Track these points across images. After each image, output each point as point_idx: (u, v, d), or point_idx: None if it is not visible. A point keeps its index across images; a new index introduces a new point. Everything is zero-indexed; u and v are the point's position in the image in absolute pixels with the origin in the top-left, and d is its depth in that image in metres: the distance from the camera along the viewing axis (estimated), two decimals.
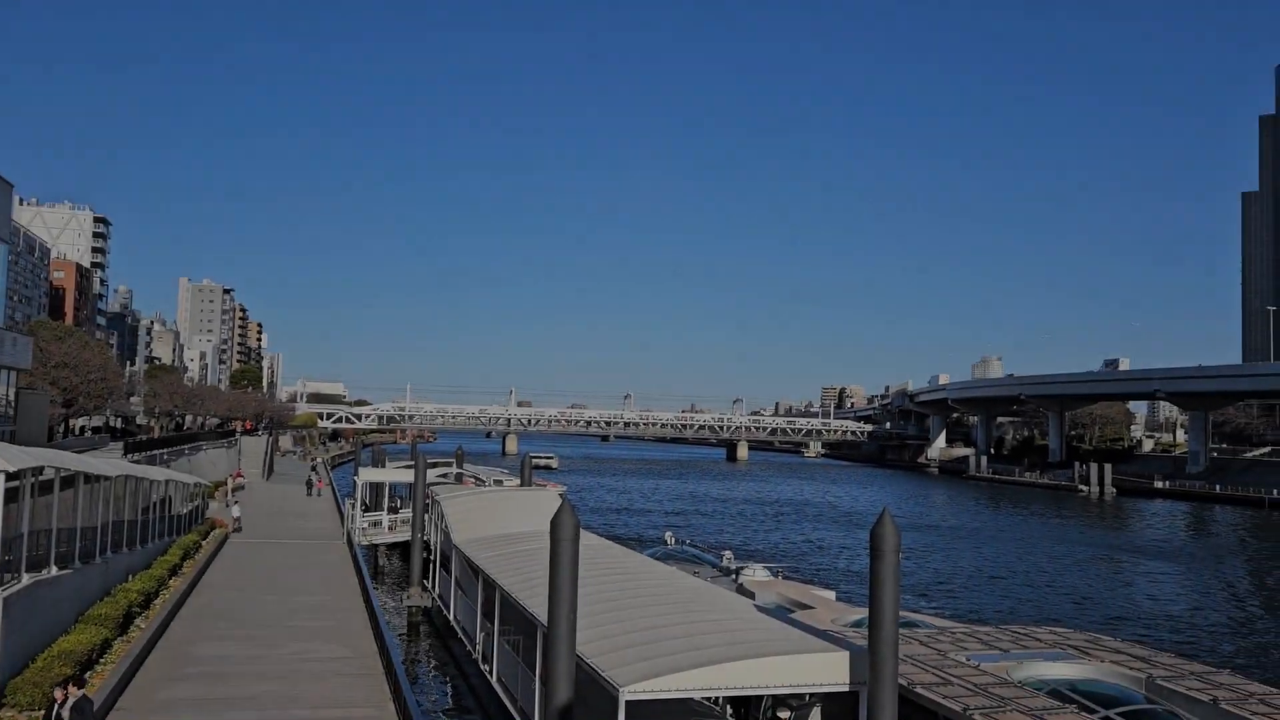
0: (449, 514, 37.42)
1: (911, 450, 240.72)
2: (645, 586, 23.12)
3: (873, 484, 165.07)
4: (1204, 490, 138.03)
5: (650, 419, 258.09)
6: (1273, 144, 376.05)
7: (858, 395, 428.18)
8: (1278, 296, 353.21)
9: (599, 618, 19.05)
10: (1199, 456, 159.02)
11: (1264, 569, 71.22)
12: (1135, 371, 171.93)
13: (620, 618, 19.42)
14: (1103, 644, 23.47)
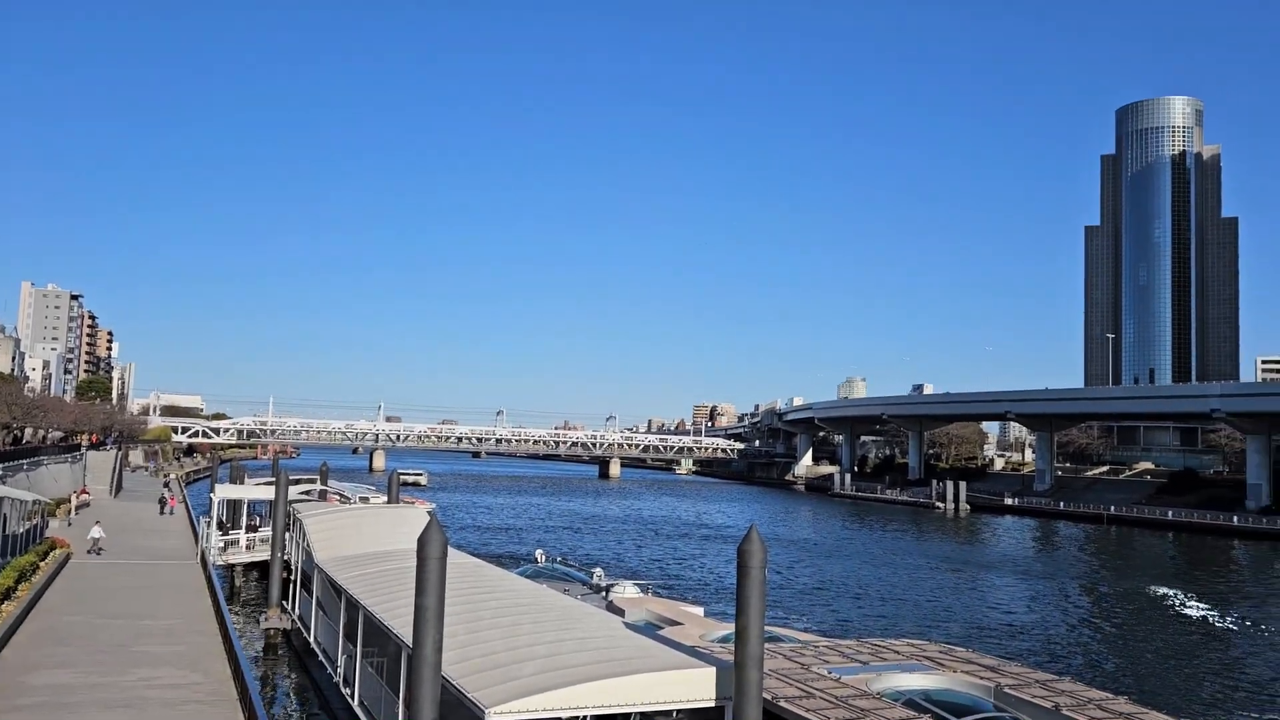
0: (311, 532, 36.17)
1: (779, 468, 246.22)
2: (515, 606, 22.87)
3: (741, 501, 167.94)
4: (1049, 507, 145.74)
5: (523, 436, 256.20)
6: (1112, 181, 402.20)
7: (729, 413, 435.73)
8: (1116, 324, 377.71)
9: (465, 638, 18.73)
10: (1045, 475, 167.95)
11: (1101, 581, 75.64)
12: (988, 393, 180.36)
13: (487, 637, 19.14)
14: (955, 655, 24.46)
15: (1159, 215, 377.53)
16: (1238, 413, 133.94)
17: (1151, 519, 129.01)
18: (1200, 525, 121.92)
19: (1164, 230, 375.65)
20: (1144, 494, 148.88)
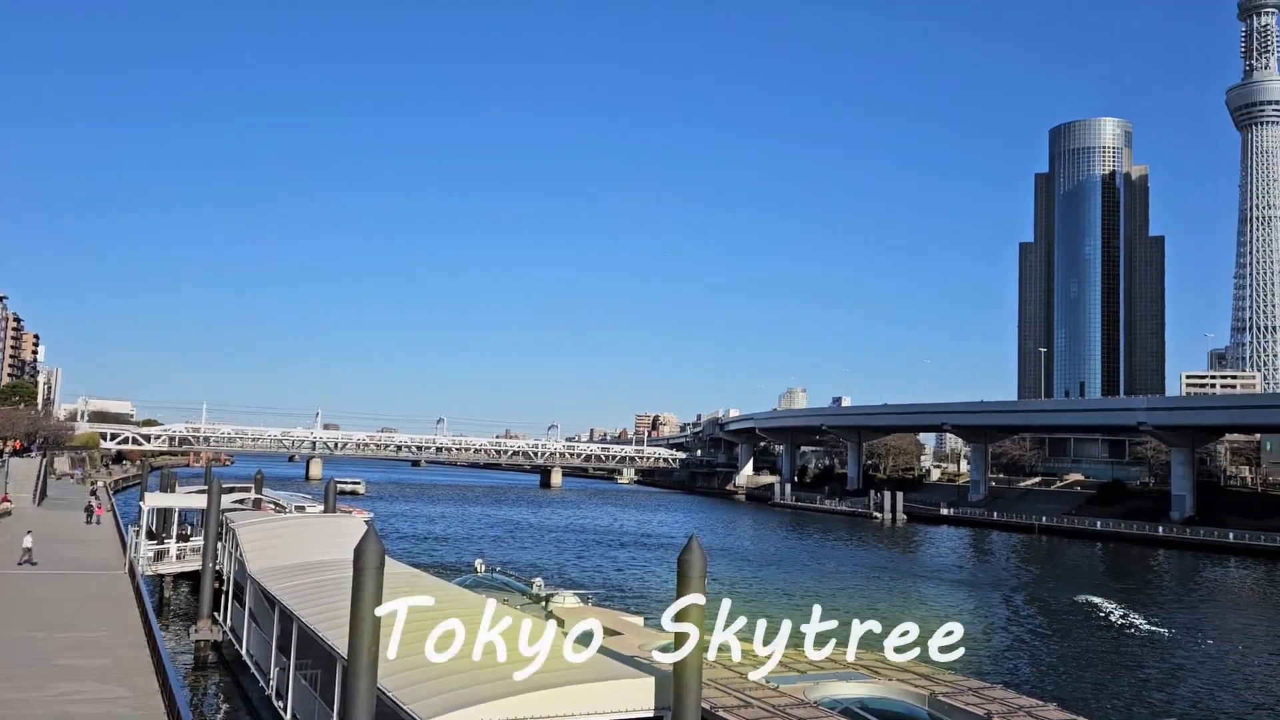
0: (244, 542, 35.43)
1: (721, 477, 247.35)
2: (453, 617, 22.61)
3: (682, 510, 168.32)
4: (983, 517, 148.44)
5: (464, 444, 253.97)
6: (1045, 199, 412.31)
7: (671, 423, 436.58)
8: (1048, 338, 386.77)
9: (402, 648, 18.48)
10: (979, 485, 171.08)
11: (1032, 590, 77.21)
12: (925, 405, 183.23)
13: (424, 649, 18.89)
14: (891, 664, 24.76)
15: (1089, 233, 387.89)
16: (1163, 426, 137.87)
17: (1081, 529, 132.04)
18: (1127, 535, 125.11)
19: (1094, 247, 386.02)
20: (1074, 504, 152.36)
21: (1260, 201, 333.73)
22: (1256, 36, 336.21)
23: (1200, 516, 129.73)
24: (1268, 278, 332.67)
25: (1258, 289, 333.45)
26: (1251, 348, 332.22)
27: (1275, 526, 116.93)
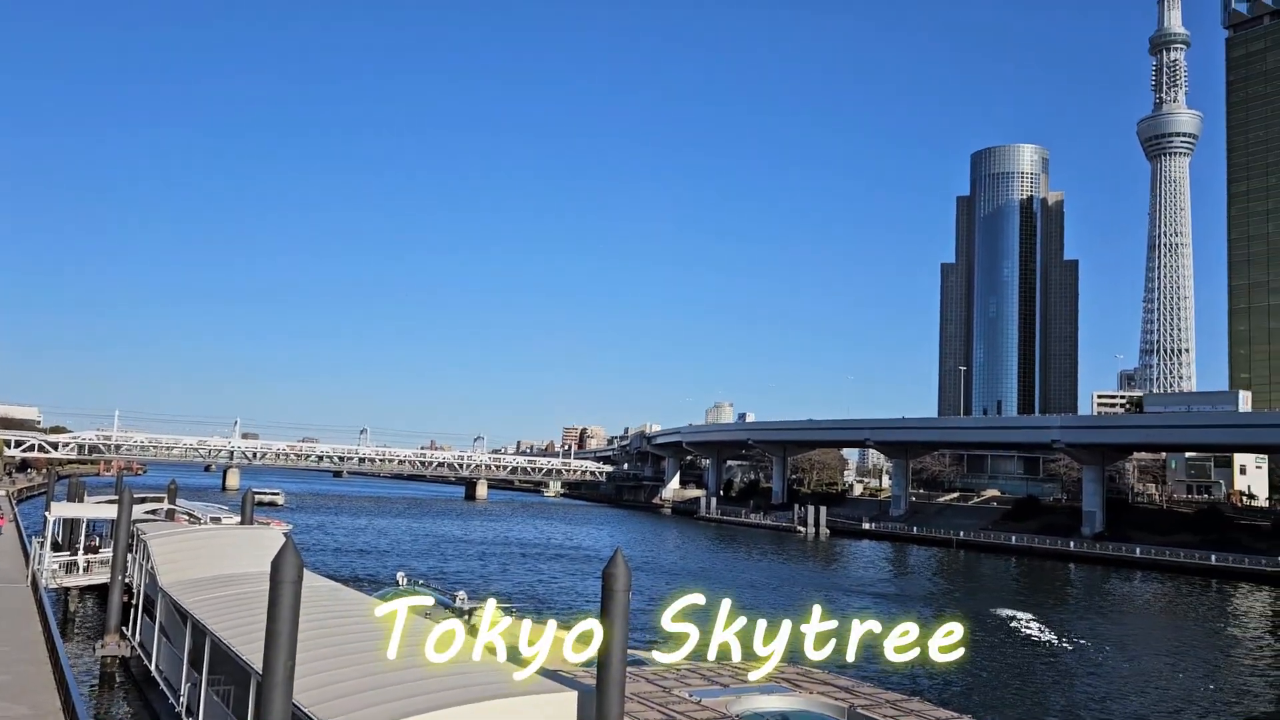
0: (156, 554, 34.33)
1: (647, 491, 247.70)
2: (372, 630, 22.23)
3: (608, 524, 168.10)
4: (904, 532, 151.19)
5: (387, 455, 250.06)
6: (967, 222, 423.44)
7: (598, 436, 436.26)
8: (968, 357, 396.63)
9: (319, 664, 18.10)
10: (900, 501, 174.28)
11: (949, 604, 78.84)
12: (849, 421, 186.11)
13: (342, 663, 18.55)
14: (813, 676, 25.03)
15: (1008, 255, 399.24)
16: (1075, 444, 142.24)
17: (997, 544, 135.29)
18: (1040, 550, 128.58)
19: (1012, 270, 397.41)
20: (990, 520, 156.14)
21: (1168, 229, 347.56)
22: (1166, 71, 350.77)
23: (1109, 532, 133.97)
24: (1174, 303, 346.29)
25: (1165, 313, 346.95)
26: (1159, 369, 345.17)
27: (1178, 542, 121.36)
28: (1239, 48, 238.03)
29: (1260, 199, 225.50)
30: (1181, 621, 77.15)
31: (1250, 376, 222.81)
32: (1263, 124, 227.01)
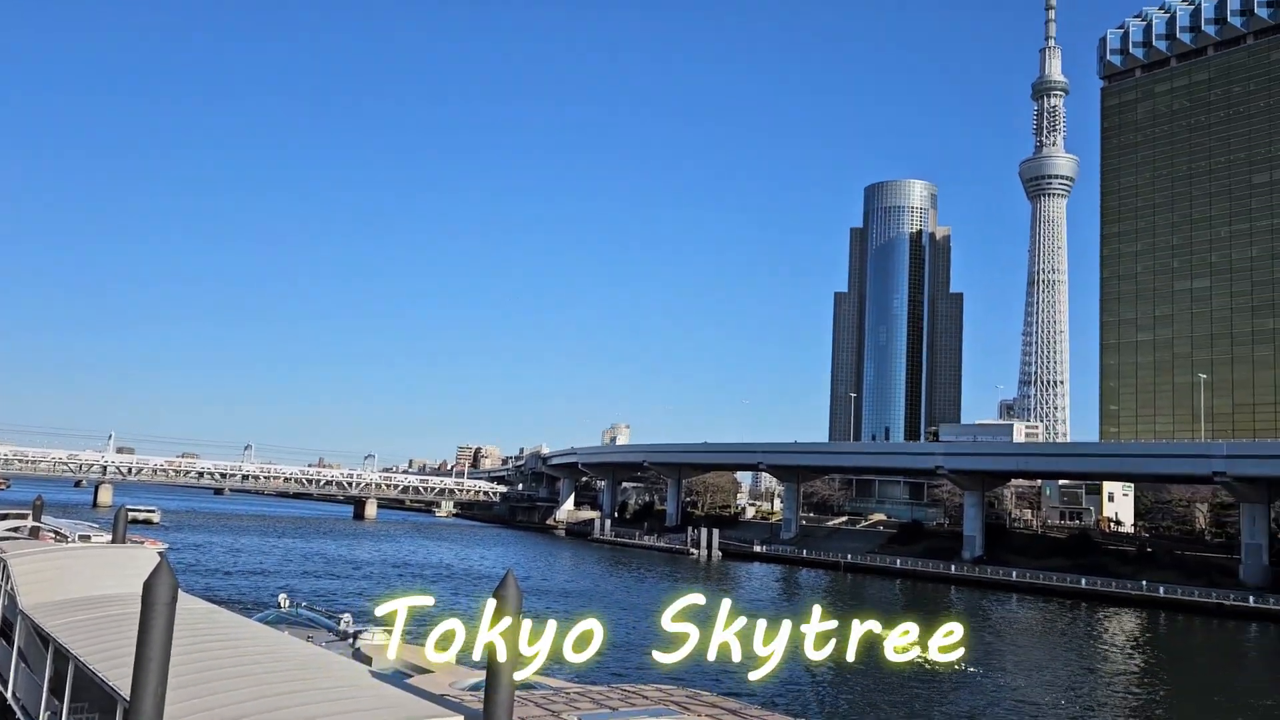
0: (16, 574, 32.40)
1: (542, 512, 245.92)
2: (249, 655, 21.42)
3: (502, 545, 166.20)
4: (794, 555, 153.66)
5: (273, 472, 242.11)
6: (860, 252, 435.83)
7: (493, 455, 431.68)
8: (858, 384, 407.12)
9: (192, 690, 17.34)
10: (791, 524, 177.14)
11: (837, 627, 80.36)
12: (743, 445, 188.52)
13: (217, 689, 17.81)
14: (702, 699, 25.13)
15: (898, 286, 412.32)
16: (957, 470, 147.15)
17: (882, 567, 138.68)
18: (924, 573, 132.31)
19: (901, 300, 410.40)
20: (877, 543, 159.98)
21: (1046, 266, 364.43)
22: (1047, 115, 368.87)
23: (988, 556, 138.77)
24: (1051, 336, 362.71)
25: (1042, 346, 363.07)
26: (1036, 399, 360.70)
27: (1052, 566, 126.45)
28: (1113, 98, 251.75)
29: (1130, 241, 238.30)
30: (1052, 642, 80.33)
31: (1119, 408, 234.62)
32: (1133, 170, 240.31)
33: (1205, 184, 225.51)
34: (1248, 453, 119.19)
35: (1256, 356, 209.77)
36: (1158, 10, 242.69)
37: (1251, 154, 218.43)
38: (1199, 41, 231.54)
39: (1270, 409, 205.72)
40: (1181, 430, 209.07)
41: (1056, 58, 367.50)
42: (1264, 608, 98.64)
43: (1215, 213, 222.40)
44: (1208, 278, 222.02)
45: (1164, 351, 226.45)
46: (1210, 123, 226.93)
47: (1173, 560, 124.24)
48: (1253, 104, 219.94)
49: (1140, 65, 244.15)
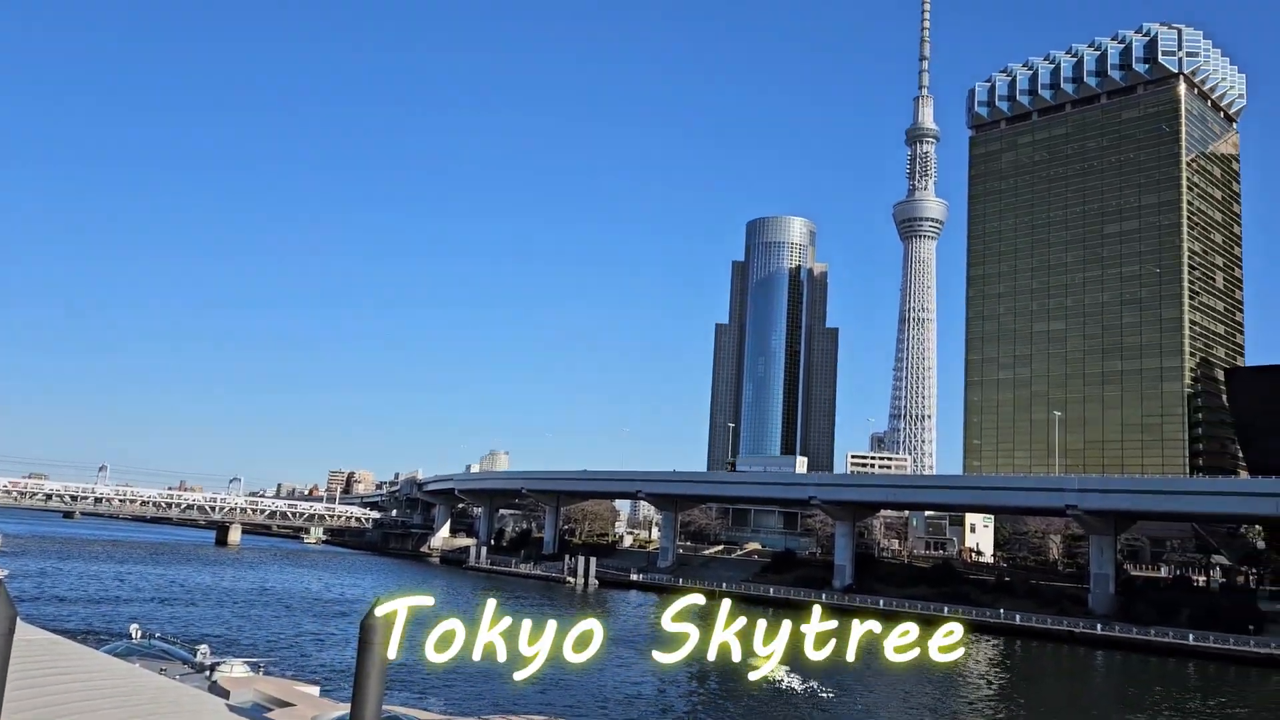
0: None
1: (416, 539, 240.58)
2: (95, 689, 20.26)
3: (372, 573, 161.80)
4: (669, 583, 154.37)
5: (129, 495, 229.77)
6: (741, 285, 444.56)
7: (367, 480, 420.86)
8: (737, 415, 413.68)
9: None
10: (669, 552, 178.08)
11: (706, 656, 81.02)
12: (622, 473, 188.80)
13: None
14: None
15: (776, 319, 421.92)
16: (830, 501, 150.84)
17: (756, 595, 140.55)
18: (796, 601, 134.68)
19: (779, 334, 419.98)
20: (752, 572, 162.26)
21: (916, 305, 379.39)
22: (919, 161, 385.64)
23: (858, 584, 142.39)
24: (920, 372, 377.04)
25: (911, 381, 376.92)
26: (905, 433, 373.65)
27: (917, 595, 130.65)
28: (980, 147, 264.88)
29: (994, 283, 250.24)
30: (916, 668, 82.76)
31: (981, 443, 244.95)
32: (997, 216, 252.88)
33: (1062, 232, 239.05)
34: (1096, 487, 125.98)
35: (1106, 396, 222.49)
36: (1021, 67, 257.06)
37: (1103, 205, 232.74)
38: (1058, 98, 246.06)
39: (1118, 446, 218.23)
40: (1038, 465, 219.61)
41: (929, 106, 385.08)
42: (1110, 635, 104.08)
43: (1071, 259, 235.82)
44: (1063, 320, 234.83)
45: (1023, 389, 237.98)
46: (1067, 175, 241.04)
47: (1028, 589, 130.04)
48: (1105, 159, 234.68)
49: (1005, 118, 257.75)
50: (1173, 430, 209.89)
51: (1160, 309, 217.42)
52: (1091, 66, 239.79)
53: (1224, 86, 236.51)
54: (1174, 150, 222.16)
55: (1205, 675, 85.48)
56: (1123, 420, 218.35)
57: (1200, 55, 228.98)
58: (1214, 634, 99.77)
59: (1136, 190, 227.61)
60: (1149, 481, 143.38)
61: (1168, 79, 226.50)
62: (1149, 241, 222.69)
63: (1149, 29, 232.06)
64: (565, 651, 16.65)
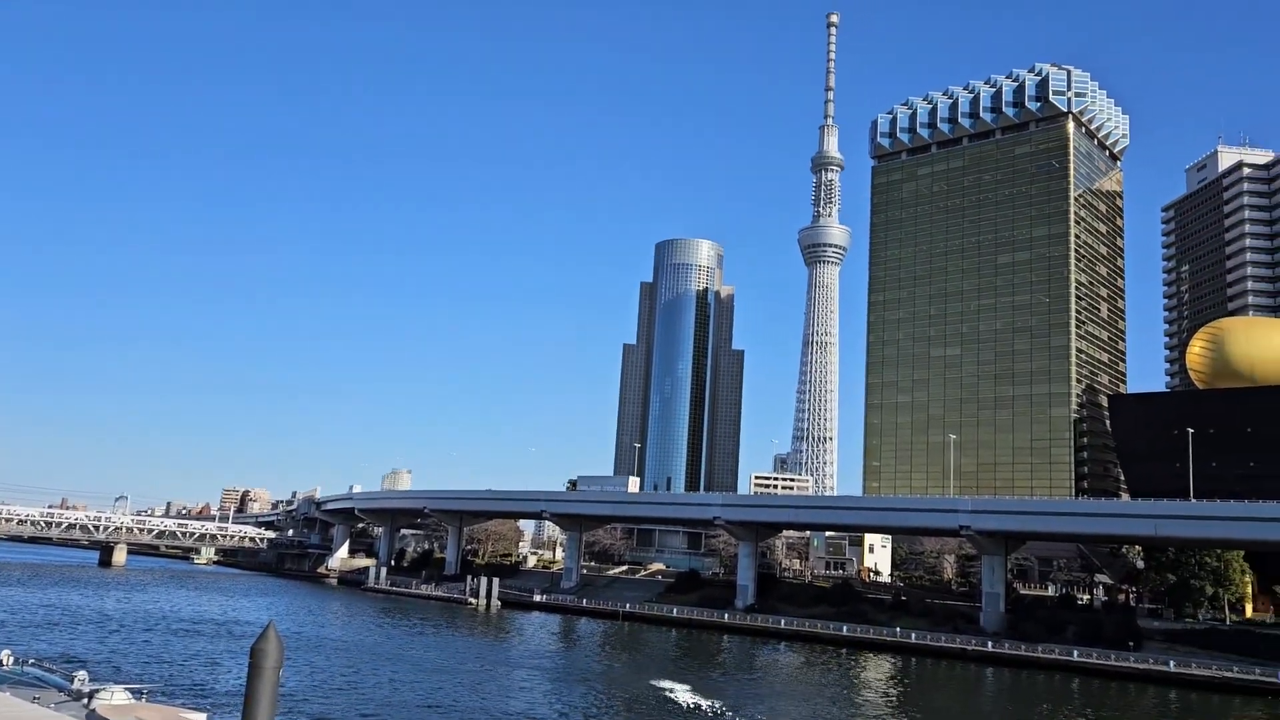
0: None
1: (313, 560, 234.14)
2: None
3: (267, 595, 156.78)
4: (573, 604, 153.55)
5: (5, 513, 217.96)
6: (649, 306, 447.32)
7: (262, 499, 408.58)
8: (643, 435, 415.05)
9: None
10: (573, 573, 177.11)
11: (611, 677, 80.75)
12: (527, 493, 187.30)
13: None
14: None
15: (683, 340, 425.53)
16: (734, 521, 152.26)
17: (660, 616, 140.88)
18: (699, 622, 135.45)
19: (686, 355, 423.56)
20: (655, 592, 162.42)
21: (819, 329, 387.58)
22: (824, 189, 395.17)
23: (760, 604, 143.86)
24: (822, 394, 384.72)
25: (814, 404, 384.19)
26: (807, 454, 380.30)
27: (817, 614, 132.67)
28: (881, 176, 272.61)
29: (894, 309, 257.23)
30: (814, 686, 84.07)
31: (880, 464, 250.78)
32: (898, 245, 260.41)
33: (959, 261, 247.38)
34: (988, 508, 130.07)
35: (998, 420, 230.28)
36: (922, 100, 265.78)
37: (997, 237, 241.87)
38: (956, 132, 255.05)
39: (1009, 468, 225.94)
40: (934, 486, 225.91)
41: (834, 135, 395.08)
42: (1000, 652, 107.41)
43: (967, 287, 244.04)
44: (959, 346, 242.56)
45: (920, 413, 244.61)
46: (964, 206, 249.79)
47: (923, 608, 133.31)
48: (999, 192, 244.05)
49: (906, 149, 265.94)
50: (1060, 454, 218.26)
51: (1049, 337, 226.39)
52: (987, 103, 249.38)
53: (1109, 126, 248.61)
54: (1063, 185, 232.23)
55: (1088, 690, 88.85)
56: (1014, 444, 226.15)
57: (1088, 96, 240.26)
58: (1097, 650, 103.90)
59: (1028, 223, 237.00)
60: (1037, 503, 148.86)
61: (1057, 117, 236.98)
62: (1039, 272, 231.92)
63: (1041, 69, 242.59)
64: None
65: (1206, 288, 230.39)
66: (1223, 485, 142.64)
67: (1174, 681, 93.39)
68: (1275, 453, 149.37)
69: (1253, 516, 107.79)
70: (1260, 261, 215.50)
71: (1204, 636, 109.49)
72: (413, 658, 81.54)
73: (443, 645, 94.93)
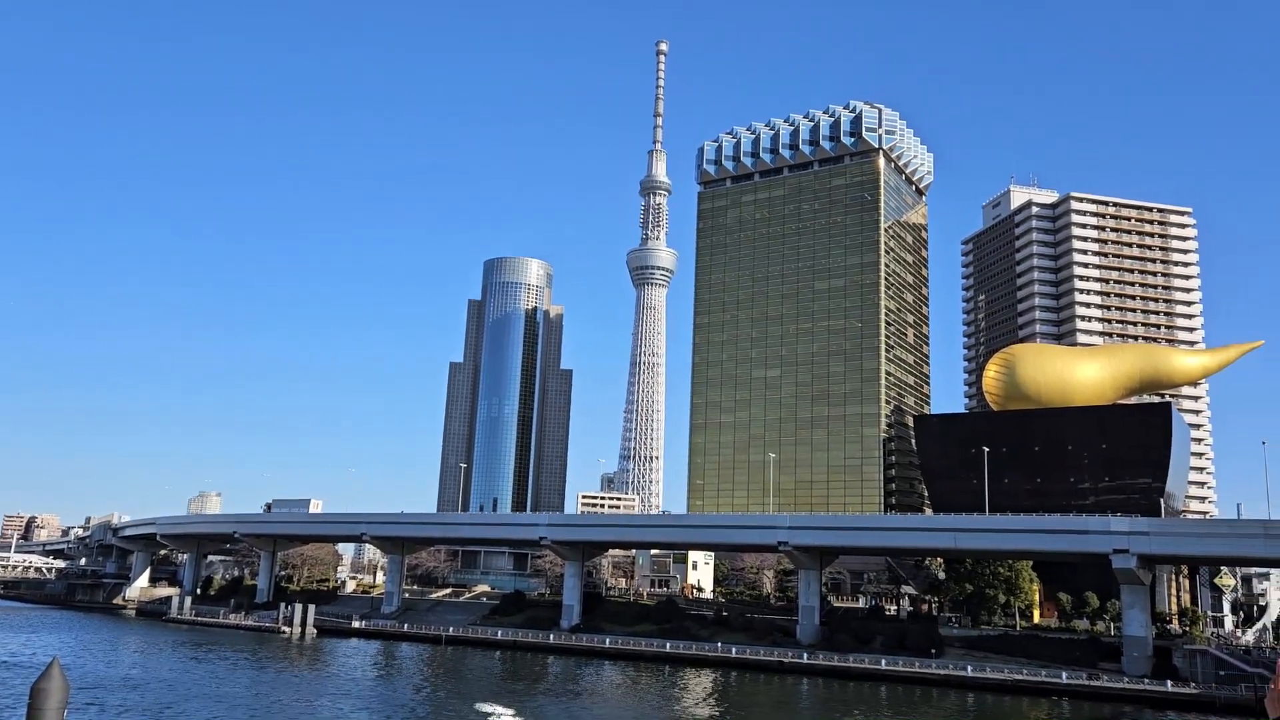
0: None
1: (109, 590, 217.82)
2: None
3: (52, 629, 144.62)
4: (394, 629, 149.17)
5: None
6: (477, 324, 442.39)
7: (51, 525, 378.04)
8: (469, 455, 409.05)
9: None
10: (394, 597, 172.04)
11: (432, 703, 78.82)
12: (345, 515, 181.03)
13: None
14: None
15: (511, 359, 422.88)
16: (561, 540, 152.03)
17: (484, 639, 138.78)
18: (524, 644, 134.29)
19: (514, 374, 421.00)
20: (480, 614, 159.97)
21: (647, 349, 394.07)
22: (652, 212, 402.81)
23: (585, 624, 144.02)
24: (649, 414, 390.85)
25: (641, 423, 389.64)
26: (634, 473, 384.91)
27: (642, 632, 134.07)
28: (707, 202, 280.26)
29: (719, 331, 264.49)
30: (637, 704, 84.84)
31: (704, 483, 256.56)
32: (722, 269, 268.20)
33: (779, 286, 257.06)
34: (805, 524, 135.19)
35: (815, 439, 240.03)
36: (746, 130, 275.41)
37: (815, 264, 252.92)
38: (777, 162, 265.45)
39: (824, 486, 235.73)
40: (755, 504, 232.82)
41: (662, 160, 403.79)
42: (815, 664, 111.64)
43: (786, 311, 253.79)
44: (779, 368, 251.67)
45: (743, 432, 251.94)
46: (785, 233, 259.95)
47: (744, 623, 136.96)
48: (817, 221, 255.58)
49: (730, 176, 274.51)
50: (870, 471, 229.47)
51: (861, 360, 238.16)
52: (806, 135, 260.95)
53: (916, 163, 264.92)
54: (874, 217, 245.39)
55: (895, 696, 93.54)
56: (829, 462, 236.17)
57: (897, 133, 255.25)
58: (903, 658, 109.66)
59: (843, 251, 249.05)
60: (849, 519, 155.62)
61: (869, 152, 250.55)
62: (853, 298, 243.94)
63: (855, 106, 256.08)
64: None
65: (1000, 316, 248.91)
66: (1014, 500, 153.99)
67: (971, 685, 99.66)
68: (1057, 469, 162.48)
69: (1038, 529, 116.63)
70: (1046, 293, 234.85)
71: (998, 642, 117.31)
72: (216, 693, 77.02)
73: (252, 678, 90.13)
